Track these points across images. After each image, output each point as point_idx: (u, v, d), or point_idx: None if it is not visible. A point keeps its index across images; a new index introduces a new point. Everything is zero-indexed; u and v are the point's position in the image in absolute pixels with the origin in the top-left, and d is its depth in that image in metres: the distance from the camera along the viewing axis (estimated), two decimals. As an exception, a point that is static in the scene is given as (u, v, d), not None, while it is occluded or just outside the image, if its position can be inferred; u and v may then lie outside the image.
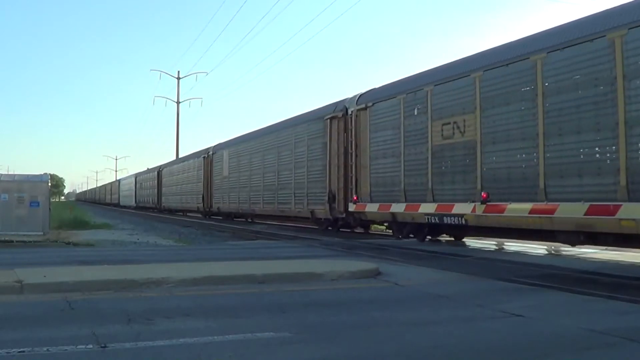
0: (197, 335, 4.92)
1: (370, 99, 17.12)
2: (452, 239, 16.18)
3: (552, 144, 10.79)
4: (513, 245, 14.57)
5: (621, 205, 9.76)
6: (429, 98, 14.19)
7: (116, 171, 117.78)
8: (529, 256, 12.19)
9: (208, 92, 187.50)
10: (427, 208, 14.15)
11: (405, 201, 14.98)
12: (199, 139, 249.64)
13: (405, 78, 16.27)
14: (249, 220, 30.78)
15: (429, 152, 14.12)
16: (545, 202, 10.81)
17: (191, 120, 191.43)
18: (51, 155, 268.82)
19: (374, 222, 19.27)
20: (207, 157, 35.16)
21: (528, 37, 12.26)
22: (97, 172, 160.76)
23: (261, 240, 18.05)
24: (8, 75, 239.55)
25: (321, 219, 20.61)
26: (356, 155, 17.51)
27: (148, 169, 60.35)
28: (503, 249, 14.49)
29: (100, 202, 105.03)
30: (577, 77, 10.35)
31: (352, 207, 17.67)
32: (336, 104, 19.78)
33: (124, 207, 69.17)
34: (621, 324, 5.49)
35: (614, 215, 9.82)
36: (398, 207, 15.35)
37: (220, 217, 33.86)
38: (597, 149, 10.05)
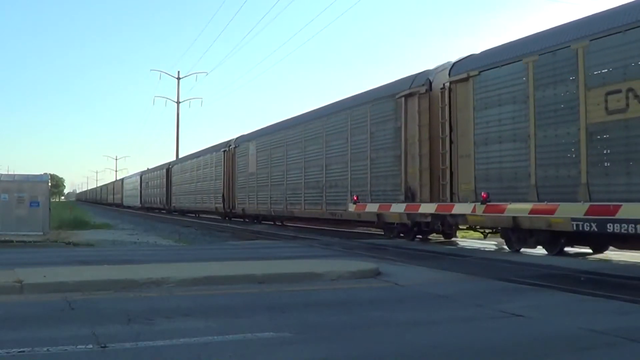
0: (197, 335, 4.92)
1: (475, 67, 13.39)
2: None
3: None
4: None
5: (621, 205, 9.79)
6: (580, 58, 10.73)
7: (116, 171, 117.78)
8: (529, 256, 12.18)
9: (208, 92, 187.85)
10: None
11: (537, 200, 11.44)
12: (199, 139, 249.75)
13: (533, 35, 12.48)
14: (281, 223, 27.18)
15: (582, 132, 10.65)
16: None
17: (191, 120, 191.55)
18: (51, 155, 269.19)
19: (482, 228, 14.65)
20: (228, 151, 31.09)
21: None
22: (97, 172, 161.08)
23: (261, 240, 18.06)
24: (8, 75, 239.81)
25: (393, 223, 16.50)
26: (451, 142, 13.90)
27: (150, 167, 59.35)
28: (503, 249, 14.48)
29: (101, 202, 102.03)
30: None
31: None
32: (413, 78, 15.96)
33: (128, 207, 66.03)
34: (621, 324, 5.49)
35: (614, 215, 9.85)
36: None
37: (245, 220, 30.15)
38: None
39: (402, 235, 15.51)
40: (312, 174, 21.31)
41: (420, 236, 15.28)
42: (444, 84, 14.32)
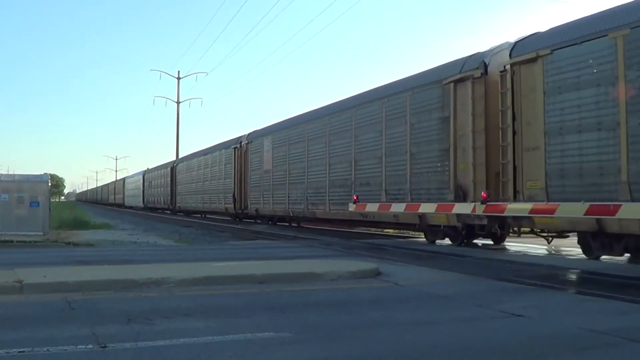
0: (197, 335, 4.92)
1: (545, 45, 11.54)
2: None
3: None
4: (513, 245, 14.56)
5: (621, 205, 9.81)
6: None
7: (116, 171, 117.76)
8: (529, 256, 12.19)
9: (208, 92, 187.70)
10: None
11: (631, 199, 9.75)
12: (199, 139, 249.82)
13: (621, 6, 10.53)
14: (297, 225, 25.35)
15: None
16: None
17: (191, 120, 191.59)
18: (51, 155, 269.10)
19: (558, 232, 12.80)
20: (240, 148, 28.98)
21: None
22: (97, 172, 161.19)
23: (261, 240, 18.05)
24: (8, 75, 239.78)
25: (440, 226, 14.72)
26: (514, 132, 12.09)
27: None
28: (503, 249, 14.48)
29: (102, 202, 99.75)
30: None
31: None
32: (464, 61, 14.08)
33: (130, 208, 63.85)
34: (621, 324, 5.49)
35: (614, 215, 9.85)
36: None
37: (257, 221, 28.37)
38: None
39: (447, 239, 14.18)
40: (338, 171, 19.39)
41: (466, 240, 13.86)
42: (504, 67, 12.45)
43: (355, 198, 17.82)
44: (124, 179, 75.33)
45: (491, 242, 14.51)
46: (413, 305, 6.65)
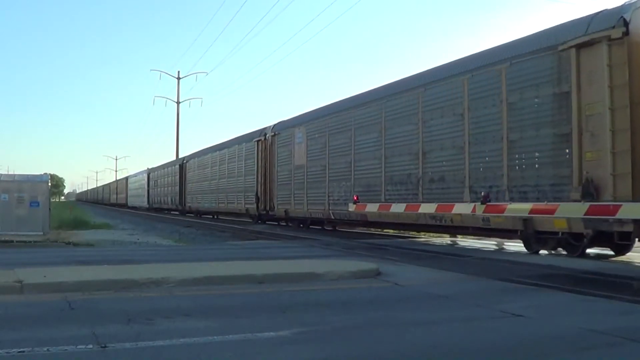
0: (197, 335, 4.92)
1: None
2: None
3: None
4: (513, 245, 14.56)
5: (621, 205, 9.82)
6: None
7: (116, 171, 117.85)
8: (529, 256, 12.18)
9: (208, 92, 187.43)
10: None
11: None
12: (199, 139, 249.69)
13: None
14: (333, 228, 22.44)
15: None
16: None
17: (191, 120, 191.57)
18: (51, 155, 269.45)
19: None
20: (264, 141, 25.75)
21: None
22: (97, 172, 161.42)
23: (261, 240, 18.05)
24: (8, 75, 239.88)
25: (557, 233, 11.61)
26: None
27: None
28: (503, 249, 14.48)
29: (103, 202, 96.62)
30: None
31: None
32: (590, 19, 11.16)
33: (133, 208, 60.74)
34: (622, 324, 5.49)
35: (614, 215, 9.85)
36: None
37: (288, 224, 24.67)
38: None
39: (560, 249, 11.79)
40: (398, 165, 16.15)
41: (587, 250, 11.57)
42: None
43: (355, 198, 17.69)
44: (126, 178, 72.00)
45: (611, 253, 11.89)
46: (413, 305, 6.65)
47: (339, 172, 19.40)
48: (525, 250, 12.52)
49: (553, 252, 11.97)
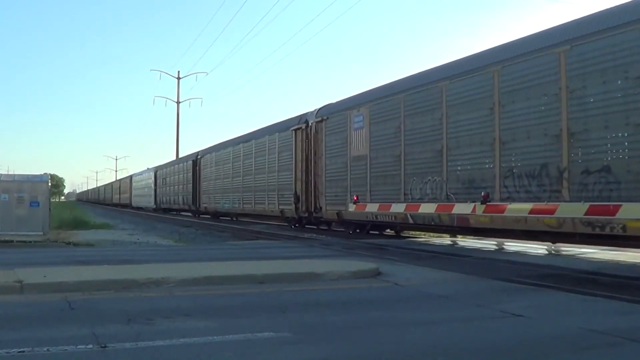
0: (197, 335, 4.92)
1: None
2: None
3: None
4: (513, 245, 14.56)
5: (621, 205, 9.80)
6: None
7: (116, 171, 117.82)
8: (529, 256, 12.18)
9: (208, 92, 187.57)
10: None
11: None
12: (199, 139, 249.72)
13: None
14: (396, 233, 18.71)
15: None
16: None
17: (191, 120, 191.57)
18: (51, 155, 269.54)
19: None
20: (306, 129, 21.52)
21: None
22: (97, 172, 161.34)
23: (261, 240, 18.04)
24: (8, 75, 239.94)
25: None
26: None
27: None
28: (503, 249, 14.48)
29: (105, 202, 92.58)
30: None
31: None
32: None
33: (139, 209, 56.41)
34: (622, 324, 5.49)
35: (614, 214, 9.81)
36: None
37: (341, 230, 20.43)
38: None
39: None
40: (521, 151, 11.97)
41: None
42: None
43: (355, 198, 17.62)
44: (131, 177, 66.33)
45: None
46: (413, 305, 6.65)
47: (421, 163, 15.00)
48: (526, 250, 12.53)
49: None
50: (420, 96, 15.21)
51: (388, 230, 18.99)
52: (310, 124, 21.53)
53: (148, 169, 57.00)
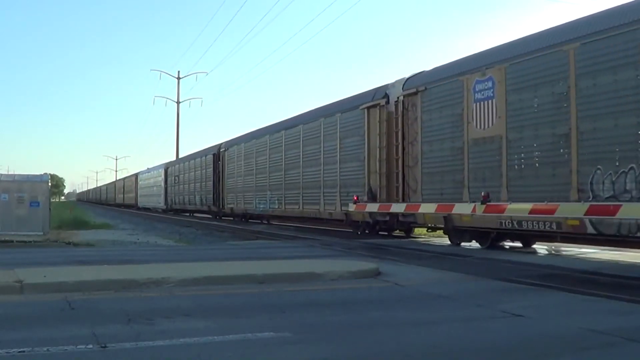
0: (197, 335, 4.92)
1: None
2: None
3: None
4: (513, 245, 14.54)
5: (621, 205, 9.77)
6: None
7: (116, 171, 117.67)
8: (529, 256, 12.18)
9: (208, 92, 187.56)
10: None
11: None
12: (199, 139, 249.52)
13: None
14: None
15: None
16: None
17: (191, 120, 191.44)
18: (51, 155, 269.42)
19: None
20: (386, 106, 16.89)
21: None
22: (97, 172, 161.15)
23: (261, 240, 18.04)
24: (8, 75, 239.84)
25: None
26: None
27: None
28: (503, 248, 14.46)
29: (107, 203, 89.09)
30: None
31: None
32: None
33: (146, 210, 52.65)
34: (621, 324, 5.49)
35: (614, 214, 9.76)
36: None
37: (408, 236, 17.66)
38: None
39: None
40: None
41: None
42: None
43: (355, 198, 17.48)
44: (136, 175, 61.92)
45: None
46: (413, 305, 6.65)
47: (615, 142, 10.29)
48: (525, 251, 12.53)
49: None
50: (609, 44, 10.43)
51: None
52: (391, 100, 16.77)
53: (156, 166, 52.87)
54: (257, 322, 5.55)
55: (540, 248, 13.65)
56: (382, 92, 17.35)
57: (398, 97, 16.41)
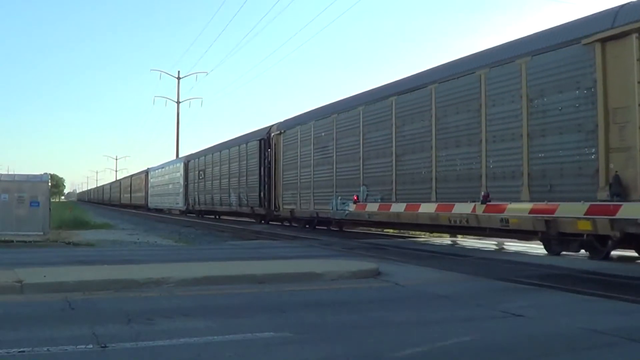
0: (197, 335, 4.92)
1: None
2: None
3: None
4: (513, 245, 14.56)
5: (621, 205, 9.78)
6: None
7: (116, 171, 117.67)
8: (529, 256, 12.18)
9: (208, 92, 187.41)
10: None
11: None
12: (199, 139, 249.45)
13: None
14: None
15: None
16: None
17: (191, 120, 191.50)
18: (51, 155, 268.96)
19: None
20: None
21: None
22: (97, 172, 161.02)
23: (261, 240, 18.04)
24: (8, 75, 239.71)
25: None
26: None
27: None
28: (503, 249, 14.48)
29: (111, 203, 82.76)
30: None
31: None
32: None
33: (158, 211, 46.54)
34: (621, 324, 5.49)
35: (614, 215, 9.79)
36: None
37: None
38: None
39: None
40: None
41: None
42: None
43: (355, 198, 17.61)
44: (147, 171, 53.98)
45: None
46: (413, 305, 6.65)
47: None
48: (526, 250, 12.53)
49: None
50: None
51: None
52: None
53: (172, 160, 46.29)
54: (257, 322, 5.56)
55: (540, 248, 13.56)
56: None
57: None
